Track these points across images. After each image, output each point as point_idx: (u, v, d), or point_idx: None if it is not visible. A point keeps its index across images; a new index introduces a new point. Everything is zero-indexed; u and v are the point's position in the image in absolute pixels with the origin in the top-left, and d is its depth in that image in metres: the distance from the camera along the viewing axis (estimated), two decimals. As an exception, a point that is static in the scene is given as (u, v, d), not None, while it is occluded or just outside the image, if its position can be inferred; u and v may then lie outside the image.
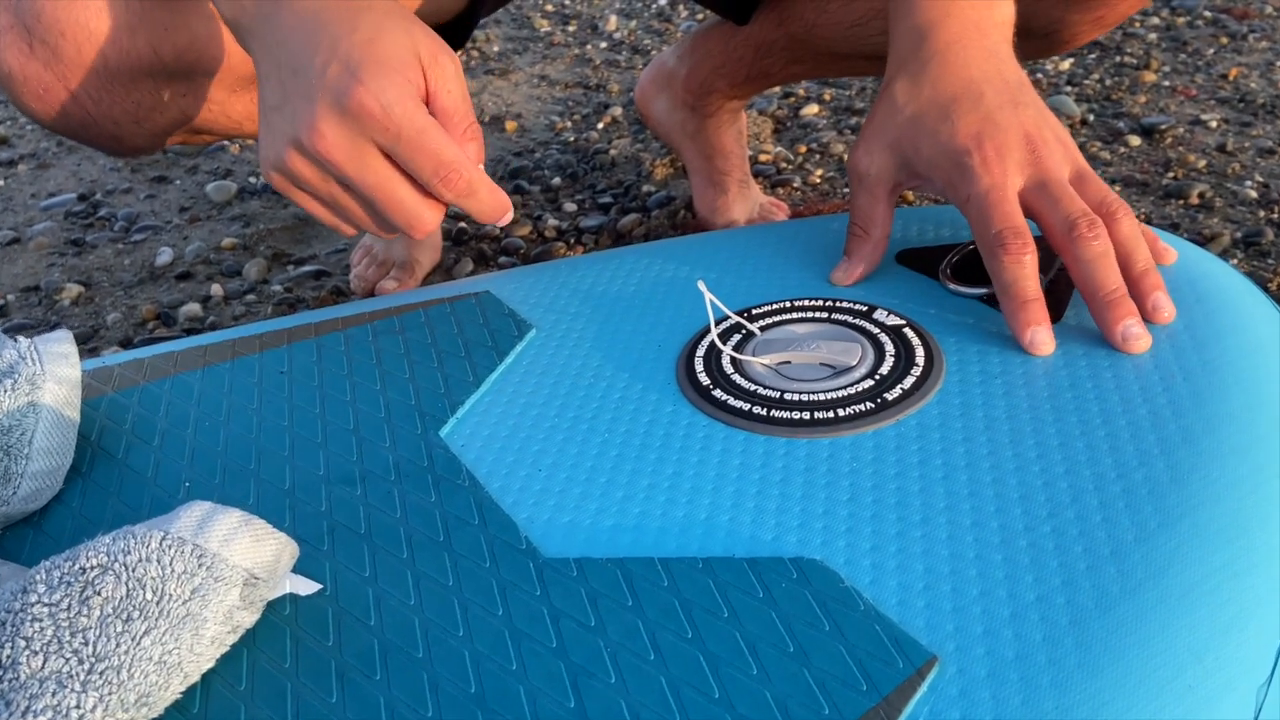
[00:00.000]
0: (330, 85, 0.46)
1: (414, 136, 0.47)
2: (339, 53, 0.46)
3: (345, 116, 0.46)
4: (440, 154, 0.47)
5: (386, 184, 0.48)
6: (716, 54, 0.97)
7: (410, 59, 0.47)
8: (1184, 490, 0.41)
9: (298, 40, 0.48)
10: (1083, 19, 0.69)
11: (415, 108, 0.47)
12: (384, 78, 0.46)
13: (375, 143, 0.47)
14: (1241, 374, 0.47)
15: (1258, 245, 0.97)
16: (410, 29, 0.48)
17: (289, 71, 0.48)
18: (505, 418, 0.51)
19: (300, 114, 0.47)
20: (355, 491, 0.47)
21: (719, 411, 0.49)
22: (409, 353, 0.57)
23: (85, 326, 1.02)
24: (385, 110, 0.46)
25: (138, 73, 0.61)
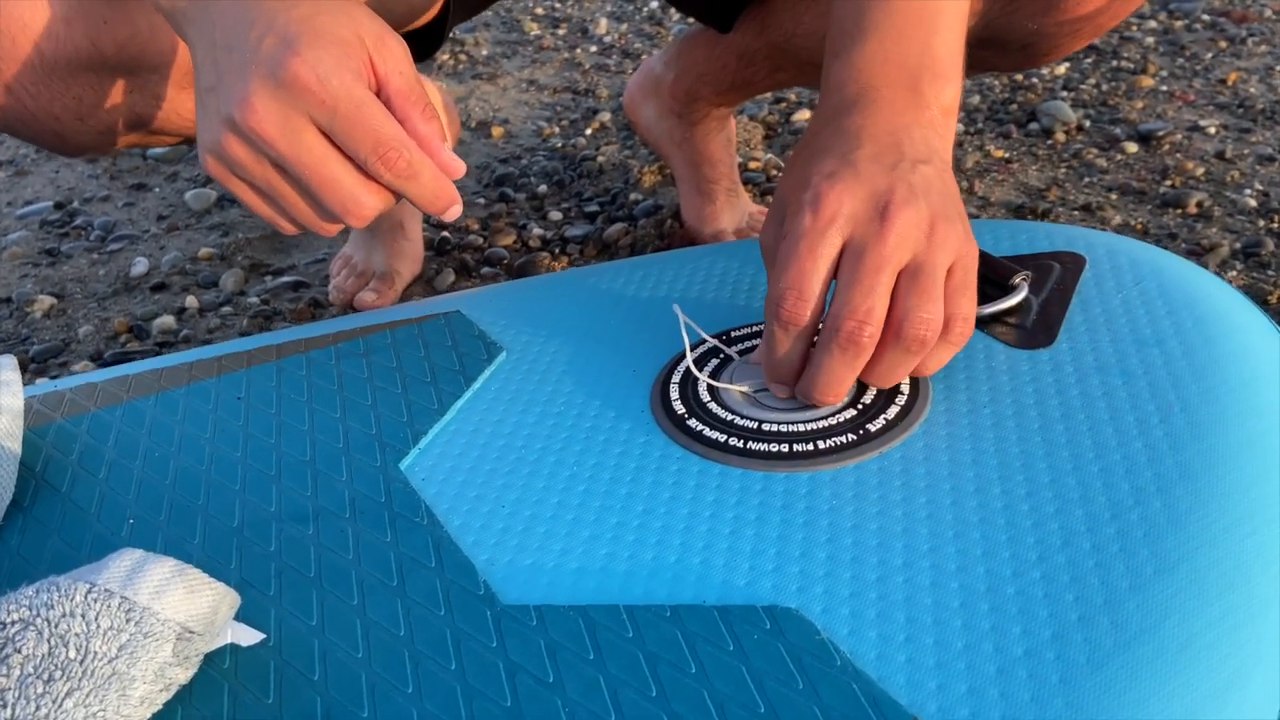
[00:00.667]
0: (265, 57, 0.43)
1: (351, 110, 0.43)
2: (276, 26, 0.44)
3: (279, 89, 0.43)
4: (379, 130, 0.44)
5: (321, 163, 0.44)
6: (701, 61, 0.95)
7: (351, 37, 0.44)
8: (1182, 532, 0.39)
9: (232, 18, 0.45)
10: (1060, 31, 0.67)
11: (353, 81, 0.44)
12: (321, 49, 0.43)
13: (311, 119, 0.44)
14: (1241, 404, 0.45)
15: (1257, 256, 0.95)
16: (351, 10, 0.46)
17: (223, 49, 0.45)
18: (469, 449, 0.49)
19: (233, 89, 0.44)
20: (307, 530, 0.44)
21: (694, 442, 0.47)
22: (372, 378, 0.55)
23: (56, 340, 1.00)
24: (321, 81, 0.43)
25: (76, 66, 0.59)
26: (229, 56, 0.44)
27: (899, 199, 0.44)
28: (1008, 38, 0.69)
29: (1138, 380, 0.47)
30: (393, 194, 0.46)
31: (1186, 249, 0.98)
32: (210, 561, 0.43)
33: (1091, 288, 0.54)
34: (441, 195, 0.46)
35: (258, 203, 0.47)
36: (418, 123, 0.45)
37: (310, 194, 0.45)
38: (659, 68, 1.00)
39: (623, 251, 1.06)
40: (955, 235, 0.45)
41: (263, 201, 0.47)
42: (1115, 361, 0.48)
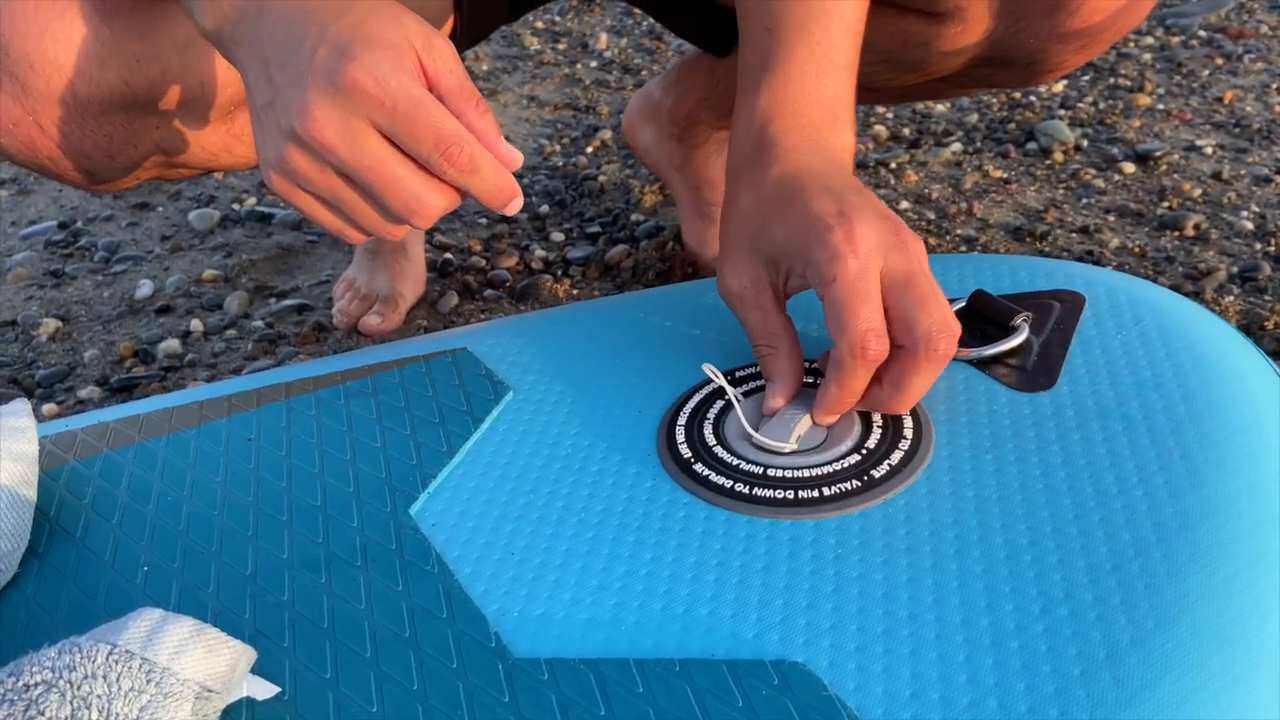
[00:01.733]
0: (321, 67, 0.44)
1: (410, 110, 0.44)
2: (328, 36, 0.45)
3: (338, 95, 0.44)
4: (440, 127, 0.45)
5: (384, 165, 0.45)
6: (701, 85, 0.95)
7: (402, 40, 0.45)
8: (1181, 584, 0.39)
9: (284, 33, 0.46)
10: (1065, 48, 0.68)
11: (410, 81, 0.45)
12: (376, 52, 0.44)
13: (371, 121, 0.45)
14: (1239, 450, 0.45)
15: (1254, 281, 0.96)
16: (399, 16, 0.47)
17: (277, 65, 0.46)
18: (478, 493, 0.49)
19: (291, 102, 0.45)
20: (320, 579, 0.45)
21: (700, 488, 0.48)
22: (381, 418, 0.55)
23: (62, 364, 1.00)
24: (379, 83, 0.44)
25: (109, 105, 0.60)
26: (284, 71, 0.45)
27: (897, 220, 0.49)
28: (1013, 55, 0.70)
29: (1137, 425, 0.47)
30: (456, 192, 0.47)
31: (1184, 273, 0.98)
32: (225, 611, 0.44)
33: (1091, 328, 0.55)
34: (505, 188, 0.47)
35: (324, 214, 0.48)
36: (473, 118, 0.46)
37: (375, 198, 0.46)
38: (658, 92, 1.01)
39: (624, 274, 1.07)
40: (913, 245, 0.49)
41: (329, 212, 0.48)
42: (1115, 406, 0.49)
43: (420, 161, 0.46)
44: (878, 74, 0.76)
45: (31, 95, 0.57)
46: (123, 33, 0.57)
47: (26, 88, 0.56)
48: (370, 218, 0.48)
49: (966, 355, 0.53)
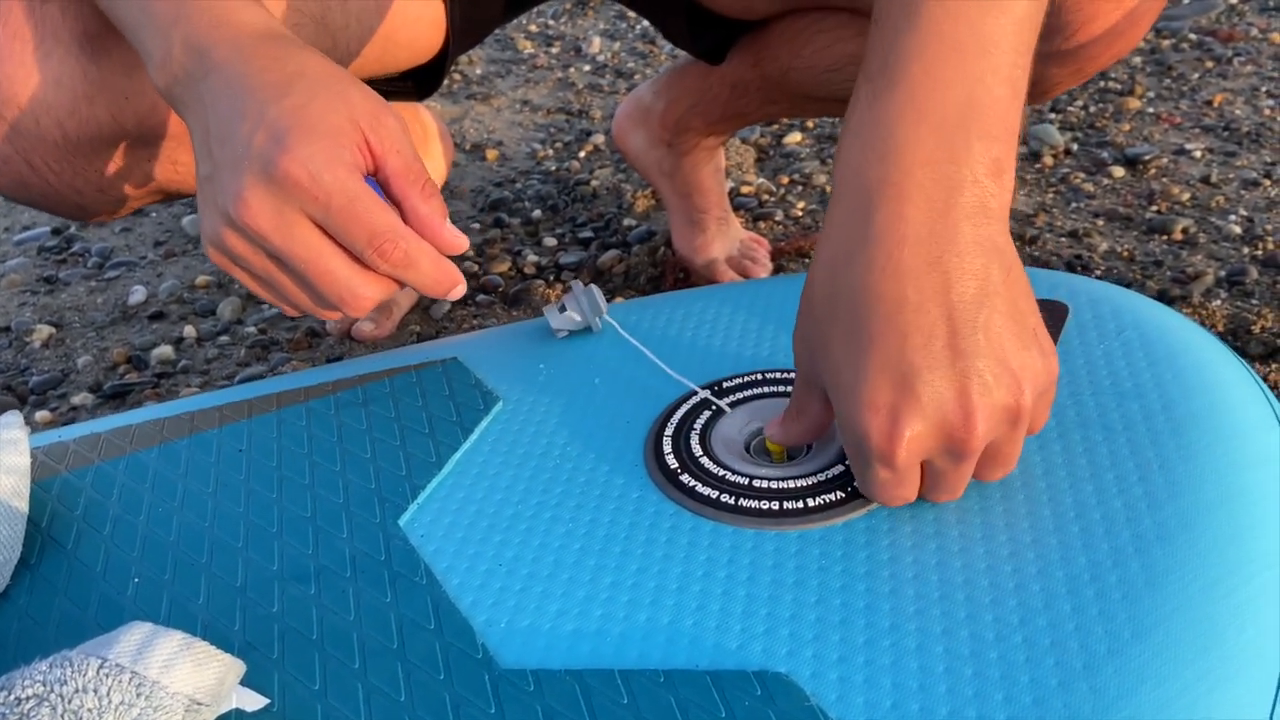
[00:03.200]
0: (256, 153, 0.44)
1: (344, 205, 0.44)
2: (266, 119, 0.44)
3: (272, 185, 0.44)
4: (373, 222, 0.45)
5: (317, 257, 0.45)
6: (693, 91, 0.96)
7: (344, 124, 0.45)
8: (1159, 594, 0.40)
9: (225, 107, 0.46)
10: (1061, 71, 0.69)
11: (346, 174, 0.44)
12: (312, 144, 0.44)
13: (306, 213, 0.45)
14: (1217, 460, 0.46)
15: (1241, 285, 0.97)
16: (345, 92, 0.46)
17: (217, 141, 0.46)
18: (467, 504, 0.50)
19: (228, 185, 0.45)
20: (309, 590, 0.45)
21: (686, 498, 0.48)
22: (371, 429, 0.56)
23: (55, 370, 1.01)
24: (313, 178, 0.43)
25: (99, 142, 0.60)
26: (223, 149, 0.45)
27: (974, 404, 0.40)
28: None
29: (1118, 436, 0.48)
30: (393, 281, 0.47)
31: (1172, 277, 0.99)
32: (215, 623, 0.44)
33: (1075, 338, 0.55)
34: (442, 280, 0.47)
35: (260, 289, 0.49)
36: (417, 202, 0.46)
37: (308, 285, 0.46)
38: (648, 97, 1.01)
39: (616, 279, 1.07)
40: (1043, 394, 0.42)
41: (264, 289, 0.48)
42: (1097, 416, 0.49)
43: (355, 255, 0.46)
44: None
45: (21, 135, 0.57)
46: (110, 70, 0.57)
47: (16, 128, 0.57)
48: (304, 301, 0.48)
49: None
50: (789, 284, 0.66)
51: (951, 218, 0.40)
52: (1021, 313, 0.41)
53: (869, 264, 0.41)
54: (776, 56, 0.85)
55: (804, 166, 1.27)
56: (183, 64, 0.48)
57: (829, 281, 0.42)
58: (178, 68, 0.48)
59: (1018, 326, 0.41)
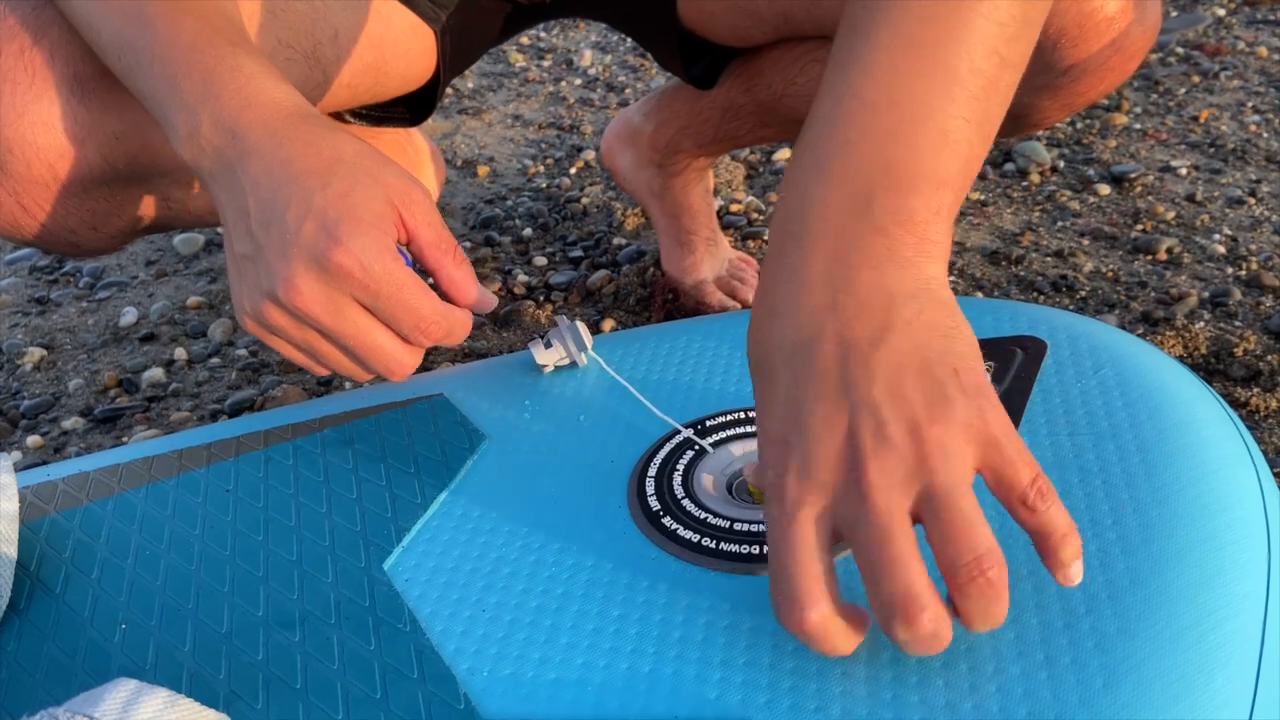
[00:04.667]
0: (307, 243, 0.47)
1: (393, 293, 0.48)
2: (314, 208, 0.47)
3: (324, 274, 0.47)
4: (419, 309, 0.49)
5: (366, 335, 0.49)
6: (683, 114, 0.96)
7: (386, 209, 0.48)
8: (1130, 642, 0.41)
9: (267, 190, 0.48)
10: (1052, 104, 0.69)
11: (393, 263, 0.48)
12: (362, 235, 0.47)
13: (354, 297, 0.48)
14: (1192, 504, 0.47)
15: (1225, 306, 0.97)
16: (381, 175, 0.49)
17: (259, 223, 0.48)
18: (451, 547, 0.50)
19: (276, 269, 0.47)
20: (294, 638, 0.46)
21: (668, 541, 0.49)
22: (357, 468, 0.56)
23: (46, 394, 1.01)
24: (365, 269, 0.47)
25: (91, 183, 0.60)
26: (267, 233, 0.47)
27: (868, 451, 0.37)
28: None
29: (1093, 478, 0.49)
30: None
31: (1156, 298, 1.00)
32: (201, 671, 0.45)
33: (1052, 375, 0.56)
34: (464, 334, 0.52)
35: (297, 355, 0.51)
36: (451, 270, 0.52)
37: (354, 356, 0.50)
38: (637, 118, 1.01)
39: (606, 299, 1.08)
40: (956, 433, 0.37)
41: (302, 355, 0.51)
42: (1073, 457, 0.50)
43: (399, 333, 0.50)
44: None
45: (12, 178, 0.58)
46: (100, 111, 0.58)
47: (7, 171, 0.57)
48: (344, 365, 0.52)
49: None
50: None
51: (849, 264, 0.41)
52: (933, 354, 0.39)
53: (774, 309, 0.42)
54: (770, 83, 0.86)
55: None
56: (213, 143, 0.49)
57: (754, 328, 0.43)
58: (208, 145, 0.50)
59: (922, 367, 0.39)
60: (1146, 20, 0.64)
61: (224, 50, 0.51)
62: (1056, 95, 0.69)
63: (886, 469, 0.37)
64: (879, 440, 0.38)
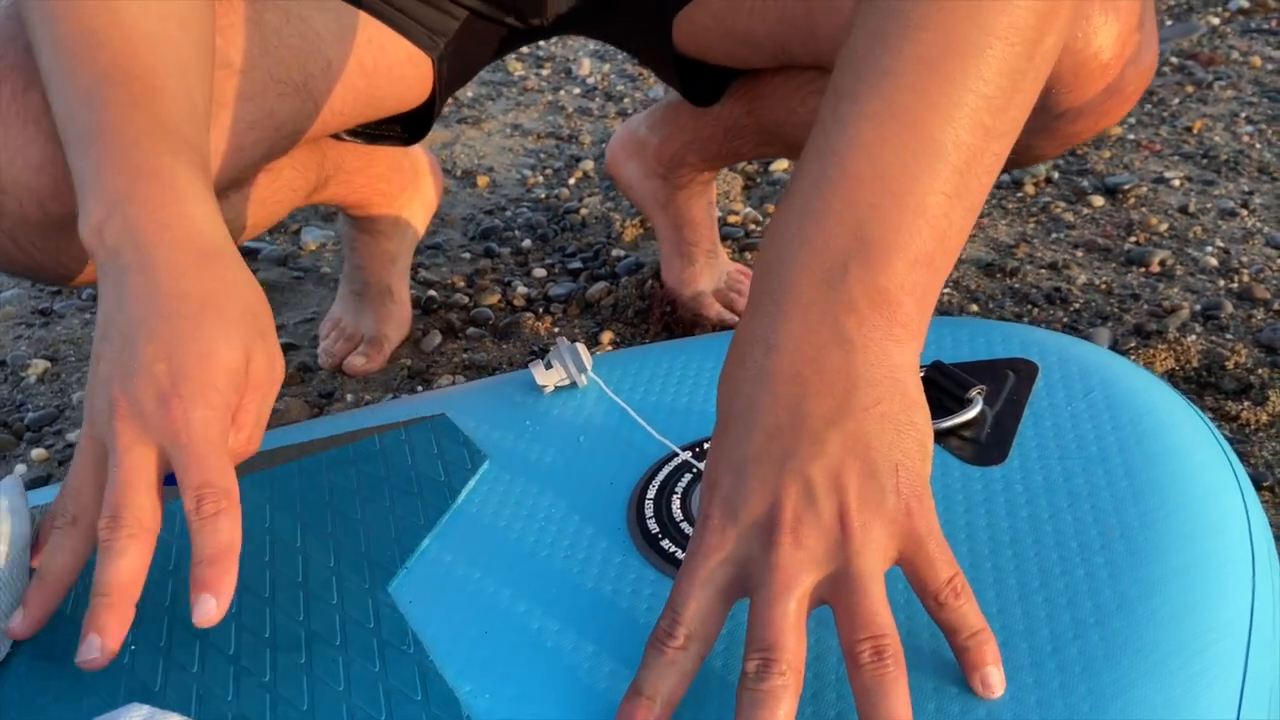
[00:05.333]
0: (151, 381, 0.46)
1: (200, 454, 0.46)
2: (173, 355, 0.46)
3: (147, 413, 0.46)
4: (212, 476, 0.46)
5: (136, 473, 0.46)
6: (688, 129, 0.97)
7: (232, 386, 0.48)
8: (1117, 667, 0.42)
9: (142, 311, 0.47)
10: (1049, 143, 0.70)
11: (215, 431, 0.46)
12: (201, 401, 0.46)
13: (158, 442, 0.46)
14: (1178, 529, 0.48)
15: (1216, 319, 0.98)
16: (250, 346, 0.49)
17: (121, 336, 0.47)
18: (454, 568, 0.51)
19: (112, 385, 0.47)
20: (300, 659, 0.47)
21: (666, 565, 0.50)
22: (361, 488, 0.57)
23: (51, 406, 1.02)
24: (188, 424, 0.46)
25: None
26: (124, 349, 0.47)
27: (788, 521, 0.40)
28: None
29: (1082, 503, 0.50)
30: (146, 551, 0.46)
31: (1149, 310, 1.01)
32: (209, 693, 0.46)
33: (1043, 398, 0.57)
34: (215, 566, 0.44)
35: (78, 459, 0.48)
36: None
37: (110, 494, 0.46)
38: (643, 130, 1.02)
39: (605, 311, 1.09)
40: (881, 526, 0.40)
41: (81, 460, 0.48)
42: (1063, 481, 0.51)
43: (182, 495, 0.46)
44: None
45: (7, 218, 0.58)
46: None
47: (1, 211, 0.58)
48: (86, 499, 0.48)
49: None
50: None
51: (819, 340, 0.42)
52: (880, 446, 0.40)
53: (742, 361, 0.44)
54: (772, 109, 0.87)
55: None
56: (116, 243, 0.49)
57: (725, 370, 0.45)
58: (110, 242, 0.49)
59: (865, 456, 0.40)
60: (1142, 62, 0.65)
61: (163, 158, 0.50)
62: (1052, 136, 0.70)
63: (804, 541, 0.40)
64: (806, 512, 0.40)
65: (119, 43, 0.52)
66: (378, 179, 0.97)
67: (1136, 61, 0.64)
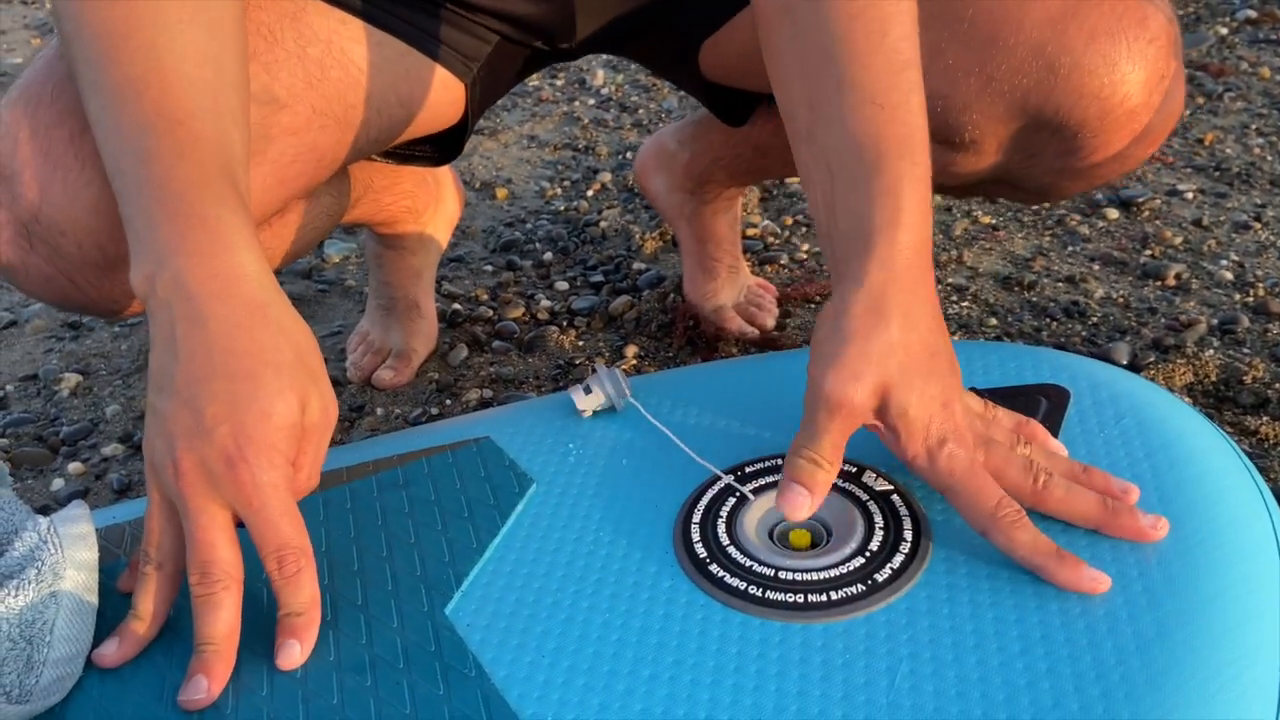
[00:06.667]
0: (216, 445, 0.48)
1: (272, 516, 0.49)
2: (234, 418, 0.48)
3: (219, 478, 0.48)
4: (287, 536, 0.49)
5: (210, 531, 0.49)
6: (718, 146, 0.98)
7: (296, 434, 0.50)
8: (1158, 693, 0.43)
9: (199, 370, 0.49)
10: (1074, 183, 0.72)
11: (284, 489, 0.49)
12: (265, 462, 0.48)
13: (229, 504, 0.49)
14: (1211, 555, 0.49)
15: (1233, 333, 1.00)
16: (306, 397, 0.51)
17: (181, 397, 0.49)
18: (508, 592, 0.53)
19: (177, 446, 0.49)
20: (365, 682, 0.48)
21: (715, 589, 0.51)
22: (413, 512, 0.59)
23: (85, 420, 1.04)
24: (256, 487, 0.48)
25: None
26: (184, 410, 0.49)
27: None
28: (1024, 183, 0.74)
29: (1119, 529, 0.51)
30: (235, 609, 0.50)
31: (1166, 324, 1.03)
32: (280, 715, 0.47)
33: (1076, 425, 0.59)
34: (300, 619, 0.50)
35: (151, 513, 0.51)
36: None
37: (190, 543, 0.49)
38: (672, 144, 1.04)
39: (628, 325, 1.11)
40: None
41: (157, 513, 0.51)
42: (1099, 507, 0.53)
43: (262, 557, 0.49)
44: None
45: (64, 258, 0.60)
46: None
47: (59, 251, 0.60)
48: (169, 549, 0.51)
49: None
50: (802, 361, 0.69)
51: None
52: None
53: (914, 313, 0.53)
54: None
55: (807, 207, 1.30)
56: (167, 294, 0.51)
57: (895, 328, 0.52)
58: (162, 293, 0.51)
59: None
60: (1168, 108, 0.66)
61: (209, 207, 0.51)
62: (1078, 178, 0.71)
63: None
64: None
65: (159, 90, 0.53)
66: (403, 196, 0.99)
67: (1163, 108, 0.66)
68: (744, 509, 0.56)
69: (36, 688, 0.49)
